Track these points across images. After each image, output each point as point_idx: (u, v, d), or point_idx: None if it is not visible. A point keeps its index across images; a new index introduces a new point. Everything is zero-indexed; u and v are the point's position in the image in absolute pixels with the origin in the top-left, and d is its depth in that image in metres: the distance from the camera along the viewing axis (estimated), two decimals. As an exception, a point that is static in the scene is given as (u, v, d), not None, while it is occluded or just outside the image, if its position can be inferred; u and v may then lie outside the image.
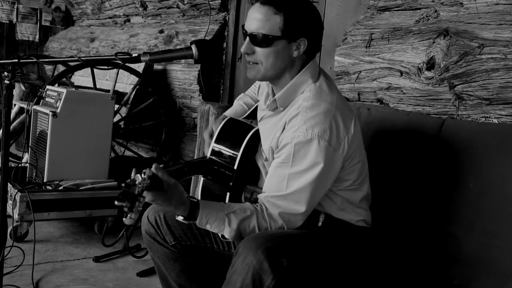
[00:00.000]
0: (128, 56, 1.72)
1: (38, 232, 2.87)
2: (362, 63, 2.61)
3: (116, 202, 1.36)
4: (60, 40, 6.04)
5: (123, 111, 3.81)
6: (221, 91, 4.01)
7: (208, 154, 1.86)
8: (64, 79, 3.65)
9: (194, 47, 1.71)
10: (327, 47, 2.90)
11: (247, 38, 1.65)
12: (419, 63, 2.33)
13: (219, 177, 1.82)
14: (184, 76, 4.02)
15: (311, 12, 1.66)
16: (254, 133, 1.84)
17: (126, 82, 4.08)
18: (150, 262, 2.67)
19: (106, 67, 3.62)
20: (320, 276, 1.63)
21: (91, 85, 3.66)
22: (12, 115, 4.08)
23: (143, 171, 1.42)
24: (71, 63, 3.47)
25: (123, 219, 1.37)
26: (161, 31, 4.42)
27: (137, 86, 3.84)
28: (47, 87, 3.25)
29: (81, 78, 4.48)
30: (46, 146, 3.02)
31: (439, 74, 2.25)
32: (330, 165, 1.60)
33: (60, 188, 2.98)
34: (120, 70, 3.76)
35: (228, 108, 2.12)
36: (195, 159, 2.79)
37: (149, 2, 4.73)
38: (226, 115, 2.02)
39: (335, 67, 2.76)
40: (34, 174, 3.10)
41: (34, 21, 6.29)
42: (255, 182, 1.85)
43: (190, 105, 4.01)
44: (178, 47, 3.98)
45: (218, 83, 4.00)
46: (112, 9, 5.40)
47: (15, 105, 4.15)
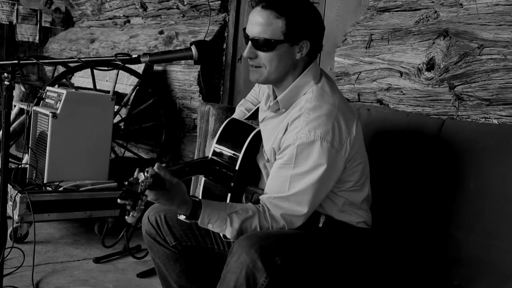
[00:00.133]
0: (128, 57, 1.73)
1: (38, 233, 2.87)
2: (362, 64, 2.62)
3: (118, 200, 1.36)
4: (60, 41, 6.04)
5: (123, 112, 3.81)
6: (221, 92, 4.01)
7: (210, 154, 1.86)
8: (64, 80, 3.66)
9: (194, 48, 1.71)
10: (327, 48, 2.88)
11: (249, 42, 1.64)
12: (419, 64, 2.33)
13: (220, 177, 1.82)
14: (184, 77, 4.02)
15: (313, 14, 1.66)
16: (256, 134, 1.84)
17: (126, 83, 4.08)
18: (150, 263, 2.68)
19: (106, 68, 3.62)
20: (315, 275, 1.63)
21: (91, 86, 3.66)
22: (12, 116, 4.07)
23: (146, 169, 1.43)
24: (71, 64, 3.46)
25: (126, 217, 1.37)
26: (161, 32, 4.42)
27: (137, 87, 3.85)
28: (47, 88, 3.25)
29: (81, 79, 4.48)
30: (46, 147, 3.02)
31: (439, 74, 2.25)
32: (333, 166, 1.60)
33: (60, 189, 2.98)
34: (120, 71, 3.76)
35: (231, 111, 2.12)
36: (196, 159, 2.79)
37: (149, 3, 4.73)
38: None
39: (335, 67, 2.76)
40: (34, 175, 3.10)
41: (34, 22, 6.29)
42: (256, 183, 1.85)
43: (190, 106, 4.01)
44: (178, 48, 3.99)
45: (218, 84, 4.00)
46: (112, 10, 5.40)
47: (15, 106, 4.14)
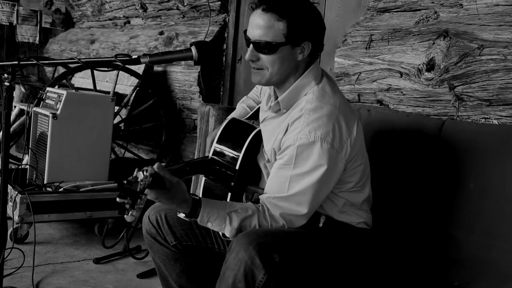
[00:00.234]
0: (128, 58, 1.73)
1: (38, 234, 2.87)
2: (362, 64, 2.62)
3: (117, 199, 1.36)
4: (60, 42, 6.05)
5: (123, 112, 3.81)
6: (221, 93, 4.01)
7: (210, 154, 1.86)
8: (64, 81, 3.66)
9: (194, 48, 1.71)
10: (327, 48, 2.87)
11: (251, 45, 1.63)
12: (419, 64, 2.33)
13: (220, 177, 1.82)
14: (184, 77, 4.02)
15: (313, 15, 1.66)
16: (256, 134, 1.84)
17: (126, 84, 4.08)
18: (150, 263, 2.68)
19: (106, 69, 3.63)
20: (313, 273, 1.63)
21: (91, 86, 3.67)
22: (12, 117, 4.07)
23: (145, 168, 1.42)
24: (71, 65, 3.48)
25: (124, 216, 1.36)
26: (161, 33, 4.43)
27: (137, 88, 3.85)
28: (47, 89, 3.25)
29: (81, 80, 4.48)
30: (46, 147, 3.02)
31: (439, 75, 2.25)
32: (333, 167, 1.60)
33: (60, 190, 2.98)
34: (120, 72, 3.76)
35: (231, 112, 2.12)
36: (196, 158, 2.79)
37: (149, 3, 4.73)
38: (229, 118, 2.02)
39: (335, 68, 2.76)
40: (34, 175, 3.10)
41: (34, 23, 6.30)
42: (256, 183, 1.85)
43: (190, 106, 4.01)
44: (178, 48, 3.98)
45: (218, 84, 4.00)
46: (112, 11, 5.41)
47: (15, 107, 4.14)
